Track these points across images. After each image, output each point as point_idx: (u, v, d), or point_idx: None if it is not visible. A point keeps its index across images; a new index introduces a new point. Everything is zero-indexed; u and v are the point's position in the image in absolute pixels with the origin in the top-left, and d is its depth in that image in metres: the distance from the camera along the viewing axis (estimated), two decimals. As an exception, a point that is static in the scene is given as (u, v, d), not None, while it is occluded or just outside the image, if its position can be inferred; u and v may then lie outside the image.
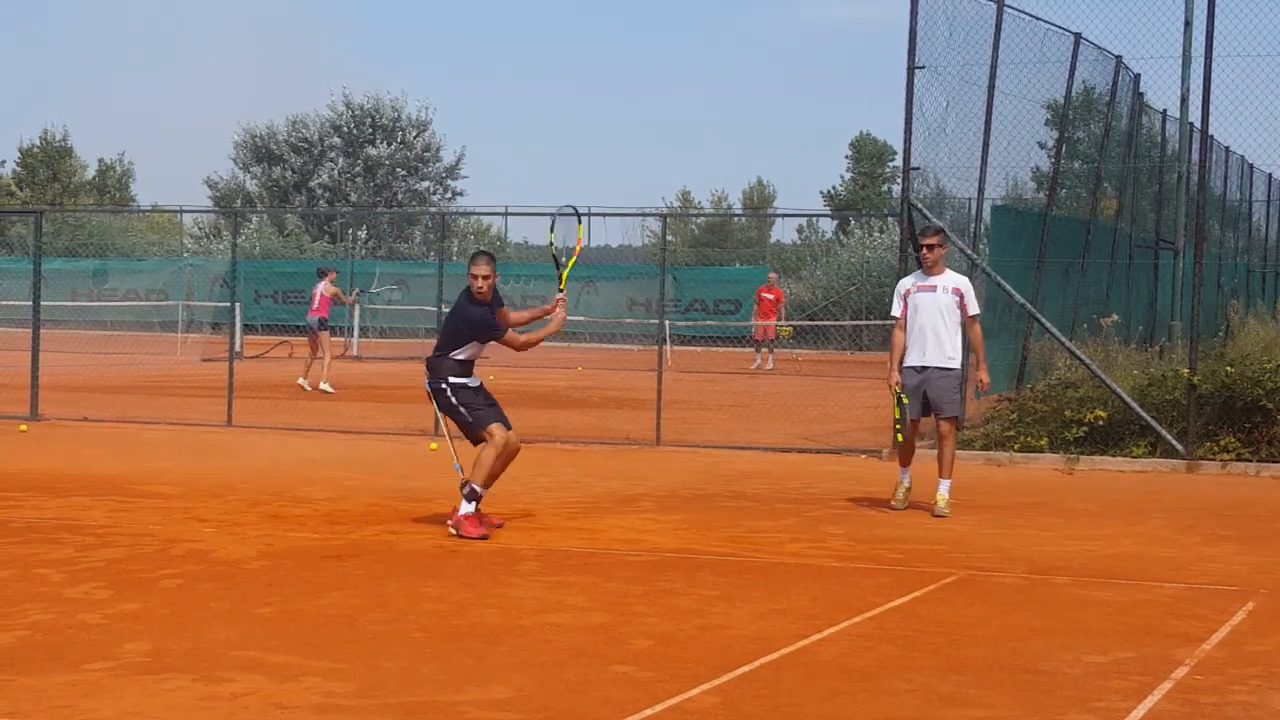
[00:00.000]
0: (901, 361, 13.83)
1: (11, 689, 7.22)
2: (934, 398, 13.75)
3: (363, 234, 57.88)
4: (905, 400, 13.73)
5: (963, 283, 13.90)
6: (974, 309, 13.82)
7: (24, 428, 19.55)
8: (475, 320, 12.20)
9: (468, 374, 12.30)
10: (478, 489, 11.95)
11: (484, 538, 11.73)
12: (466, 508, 11.90)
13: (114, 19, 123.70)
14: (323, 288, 27.89)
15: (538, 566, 10.69)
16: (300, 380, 26.82)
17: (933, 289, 13.75)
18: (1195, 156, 22.85)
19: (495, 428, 12.13)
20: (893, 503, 13.92)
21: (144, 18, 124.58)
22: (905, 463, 13.99)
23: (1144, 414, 17.58)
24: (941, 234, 14.06)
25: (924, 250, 13.79)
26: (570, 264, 12.90)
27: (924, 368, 13.73)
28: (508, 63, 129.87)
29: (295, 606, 9.20)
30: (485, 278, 12.21)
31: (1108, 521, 13.46)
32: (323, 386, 26.53)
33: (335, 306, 28.64)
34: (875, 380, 20.65)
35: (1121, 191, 26.11)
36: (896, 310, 13.93)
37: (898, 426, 13.81)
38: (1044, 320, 19.01)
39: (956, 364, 13.78)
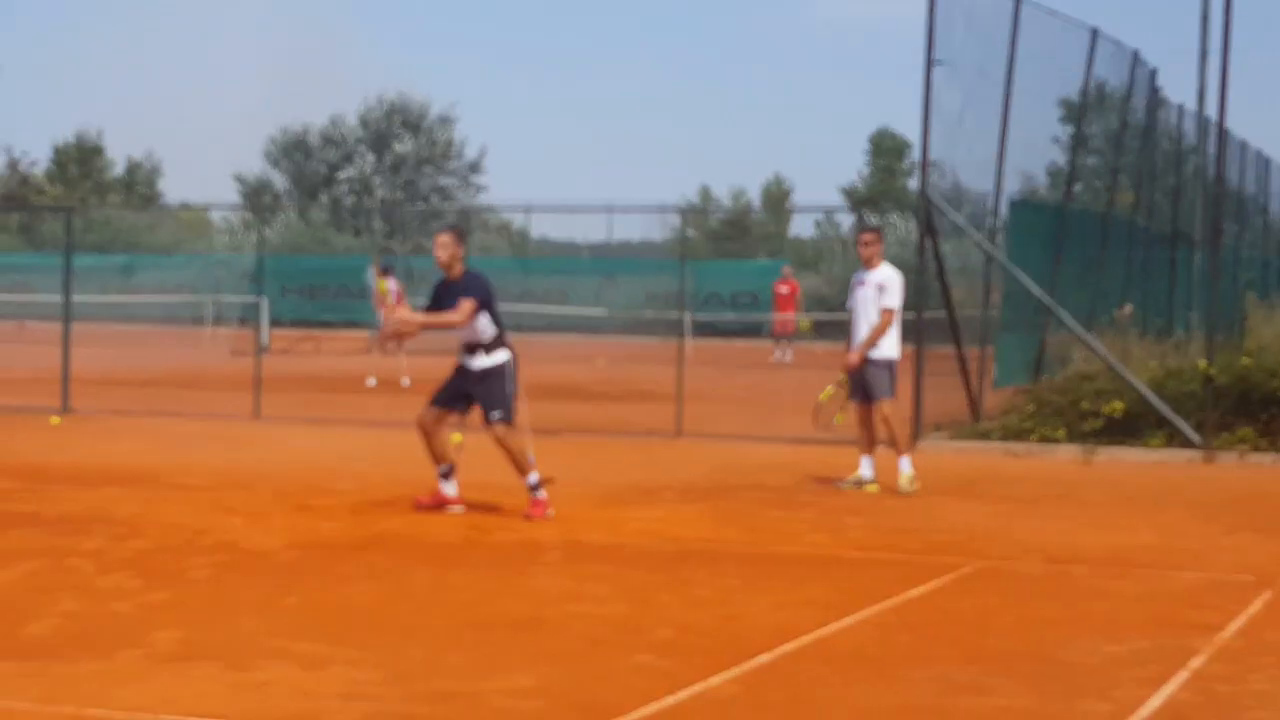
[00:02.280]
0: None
1: (45, 676, 7.33)
2: (866, 385, 14.53)
3: (378, 225, 57.92)
4: (831, 390, 15.17)
5: (886, 276, 14.56)
6: (885, 302, 14.47)
7: (56, 420, 19.70)
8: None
9: (462, 353, 12.56)
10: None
11: (430, 505, 12.58)
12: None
13: (146, 18, 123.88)
14: (392, 284, 27.86)
15: (560, 557, 10.79)
16: (370, 380, 26.72)
17: (864, 284, 14.61)
18: (1212, 150, 22.88)
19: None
20: (839, 482, 14.67)
21: (173, 14, 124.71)
22: (865, 450, 14.61)
23: (1161, 406, 17.62)
24: (876, 232, 14.97)
25: (859, 248, 14.77)
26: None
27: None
28: (530, 60, 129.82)
29: (322, 596, 9.31)
30: (443, 246, 12.62)
31: (1125, 512, 13.51)
32: (403, 382, 26.42)
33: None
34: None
35: (1138, 185, 26.12)
36: (849, 303, 14.88)
37: (839, 412, 15.12)
38: (1062, 313, 19.06)
39: (882, 353, 14.47)
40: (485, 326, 12.49)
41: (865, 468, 14.58)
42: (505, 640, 8.26)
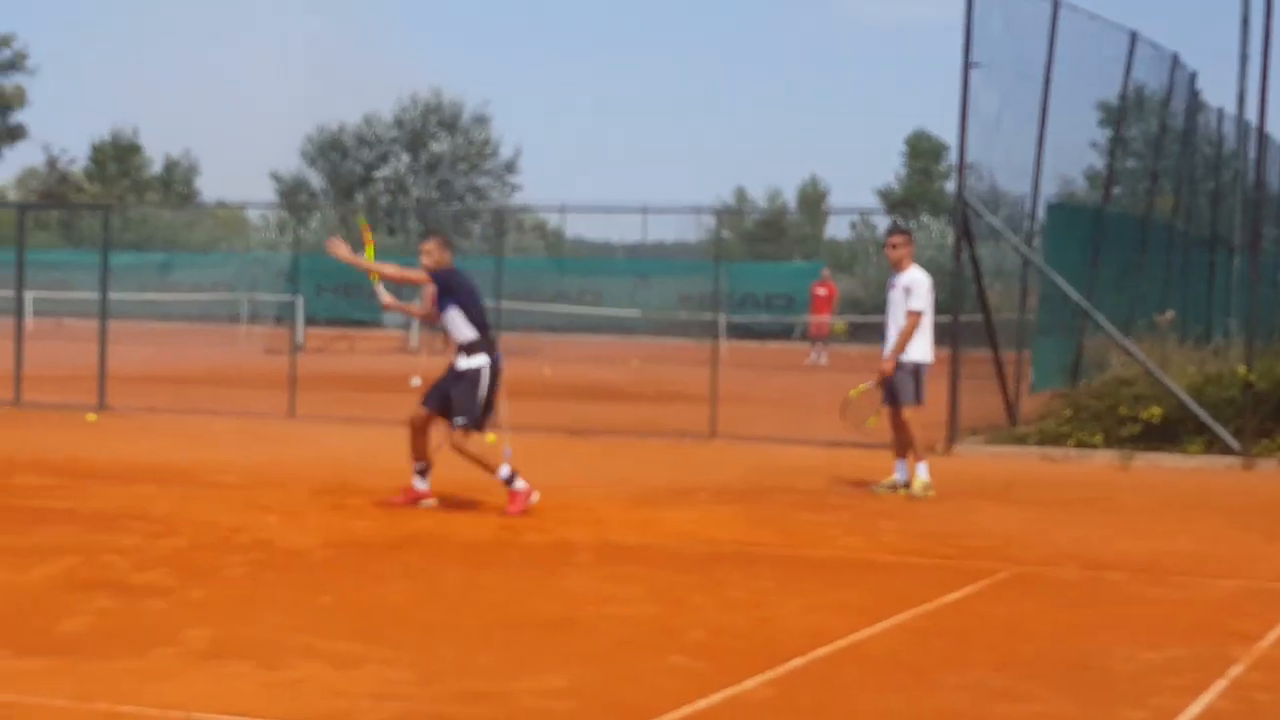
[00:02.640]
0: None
1: (79, 673, 7.35)
2: (890, 388, 14.53)
3: (413, 225, 57.98)
4: (858, 392, 15.00)
5: (913, 279, 14.50)
6: (911, 305, 14.42)
7: (92, 417, 19.77)
8: None
9: (454, 352, 12.82)
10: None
11: (403, 503, 12.81)
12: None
13: (182, 15, 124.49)
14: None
15: (593, 558, 10.78)
16: (415, 380, 26.65)
17: (894, 287, 14.58)
18: (1252, 154, 22.75)
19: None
20: (874, 485, 14.62)
21: (209, 12, 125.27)
22: (899, 454, 14.61)
23: (1200, 411, 17.51)
24: (905, 235, 14.84)
25: (887, 250, 14.72)
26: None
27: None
28: (565, 59, 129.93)
29: (355, 595, 9.32)
30: (427, 253, 12.85)
31: (1163, 518, 13.44)
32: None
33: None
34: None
35: (1177, 189, 25.98)
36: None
37: (873, 416, 14.85)
38: (1099, 317, 18.96)
39: (908, 356, 14.42)
40: (461, 326, 12.68)
41: (899, 471, 14.54)
42: (537, 640, 8.26)
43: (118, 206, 52.35)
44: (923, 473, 14.36)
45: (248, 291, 45.26)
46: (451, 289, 12.69)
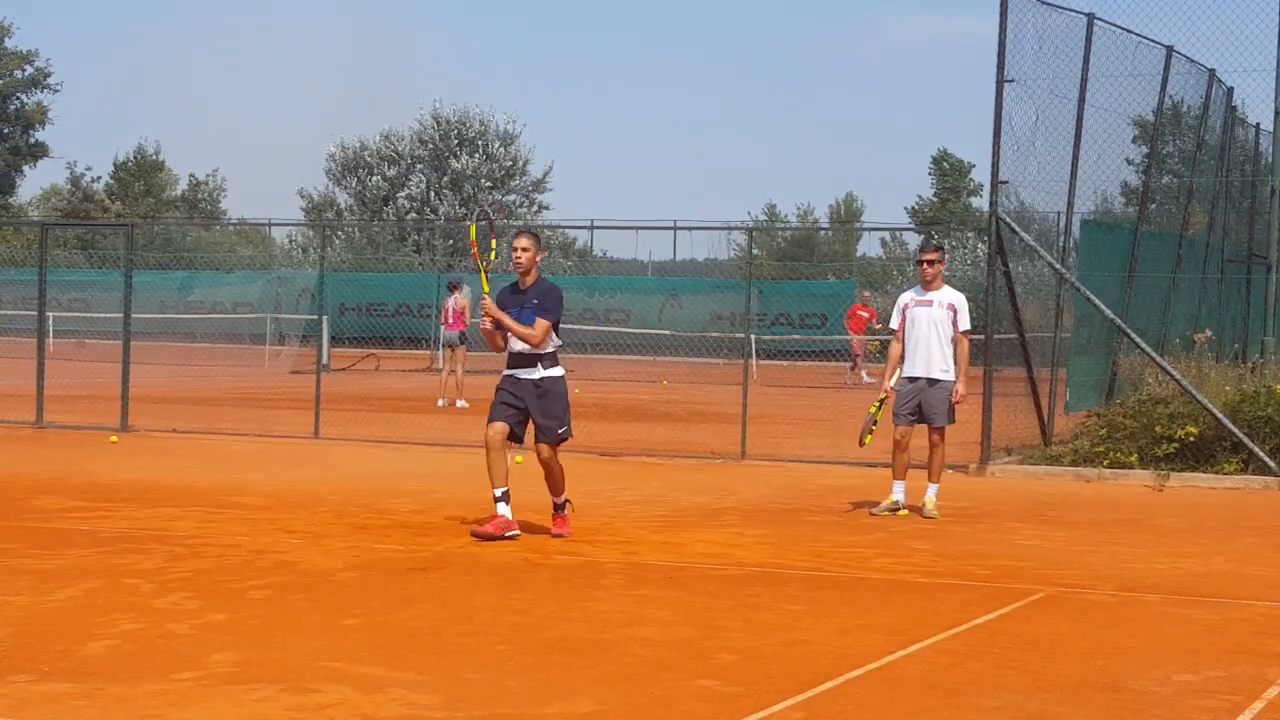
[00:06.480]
0: (897, 372, 14.46)
1: (101, 697, 7.30)
2: (925, 408, 14.30)
3: (438, 242, 58.05)
4: (879, 408, 14.49)
5: (957, 299, 14.37)
6: (964, 324, 14.29)
7: (114, 439, 19.74)
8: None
9: (514, 365, 12.35)
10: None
11: (488, 538, 12.11)
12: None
13: (208, 36, 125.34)
14: (453, 302, 27.68)
15: (623, 580, 10.69)
16: (441, 401, 26.72)
17: (929, 304, 14.33)
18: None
19: (489, 428, 12.27)
20: (872, 510, 14.41)
21: (235, 33, 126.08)
22: (898, 475, 14.43)
23: (1236, 430, 17.35)
24: (940, 251, 14.62)
25: (923, 266, 14.40)
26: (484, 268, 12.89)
27: (917, 379, 14.30)
28: (594, 76, 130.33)
29: (381, 618, 9.24)
30: (524, 249, 12.40)
31: (1199, 539, 13.29)
32: (459, 404, 26.30)
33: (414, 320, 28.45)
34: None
35: (1214, 206, 25.82)
36: (894, 323, 14.56)
37: (872, 428, 14.49)
38: (1134, 335, 18.80)
39: (949, 376, 14.27)
40: (551, 338, 12.43)
41: (897, 491, 14.41)
42: (566, 664, 8.18)
43: (141, 225, 52.43)
44: (934, 494, 14.26)
45: (271, 311, 45.34)
46: (561, 312, 12.46)
